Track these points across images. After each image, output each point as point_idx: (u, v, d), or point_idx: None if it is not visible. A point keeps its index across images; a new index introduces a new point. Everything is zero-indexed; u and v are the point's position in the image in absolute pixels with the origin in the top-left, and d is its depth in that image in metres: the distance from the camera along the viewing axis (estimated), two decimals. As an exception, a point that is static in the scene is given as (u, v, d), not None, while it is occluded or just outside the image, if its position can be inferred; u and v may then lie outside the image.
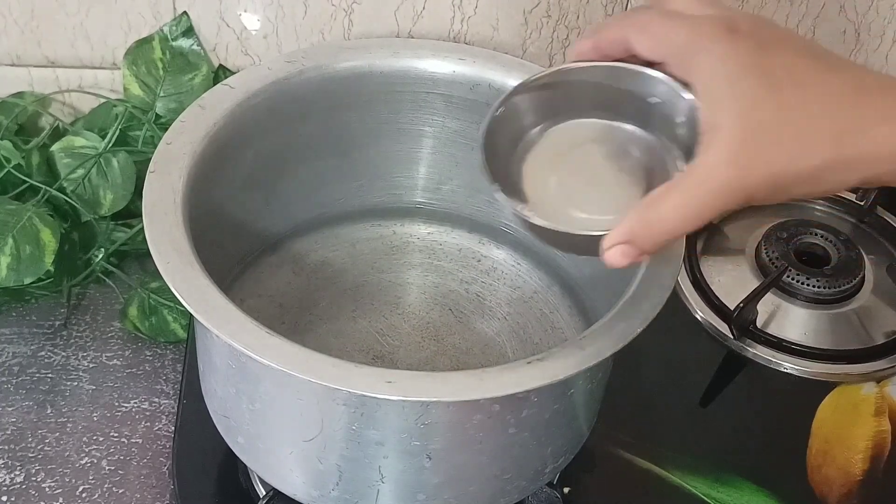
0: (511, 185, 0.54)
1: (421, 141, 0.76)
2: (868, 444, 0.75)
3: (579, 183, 0.54)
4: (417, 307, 0.75)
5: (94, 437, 0.72)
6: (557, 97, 0.55)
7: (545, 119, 0.56)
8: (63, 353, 0.77)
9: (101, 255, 0.80)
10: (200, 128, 0.65)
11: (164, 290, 0.78)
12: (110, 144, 0.81)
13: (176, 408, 0.73)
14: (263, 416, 0.59)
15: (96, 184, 0.80)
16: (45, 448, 0.71)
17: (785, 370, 0.79)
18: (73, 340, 0.78)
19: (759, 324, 0.81)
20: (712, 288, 0.83)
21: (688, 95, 0.50)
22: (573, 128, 0.56)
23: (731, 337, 0.80)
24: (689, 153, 0.49)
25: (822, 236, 0.86)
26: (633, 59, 0.51)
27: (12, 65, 0.86)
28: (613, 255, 0.49)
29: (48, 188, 0.78)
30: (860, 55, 0.92)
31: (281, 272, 0.75)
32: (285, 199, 0.75)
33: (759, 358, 0.79)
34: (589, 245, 0.51)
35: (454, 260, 0.78)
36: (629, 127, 0.55)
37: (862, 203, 0.91)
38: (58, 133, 0.84)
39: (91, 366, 0.77)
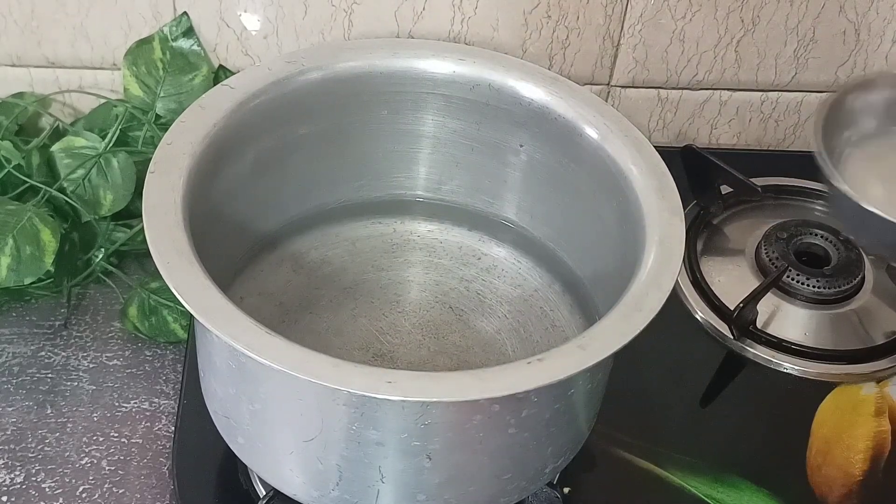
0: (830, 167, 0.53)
1: (421, 141, 0.76)
2: (868, 444, 0.75)
3: None
4: (417, 305, 0.75)
5: (94, 437, 0.72)
6: None
7: (886, 118, 0.55)
8: (63, 353, 0.77)
9: (101, 256, 0.80)
10: (200, 128, 0.65)
11: (164, 290, 0.78)
12: (110, 145, 0.81)
13: (176, 408, 0.73)
14: (263, 416, 0.59)
15: (96, 184, 0.80)
16: (45, 448, 0.71)
17: (785, 370, 0.79)
18: (73, 340, 0.78)
19: (759, 324, 0.81)
20: (712, 288, 0.83)
21: None
22: None
23: (731, 337, 0.80)
24: None
25: (822, 236, 0.86)
26: None
27: (12, 65, 0.86)
28: None
29: (48, 188, 0.78)
30: (860, 55, 0.92)
31: (281, 270, 0.75)
32: (285, 198, 0.75)
33: (759, 358, 0.79)
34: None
35: (454, 258, 0.78)
36: None
37: (862, 203, 0.91)
38: (58, 133, 0.84)
39: (91, 366, 0.77)
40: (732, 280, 0.84)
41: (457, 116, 0.74)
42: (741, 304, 0.78)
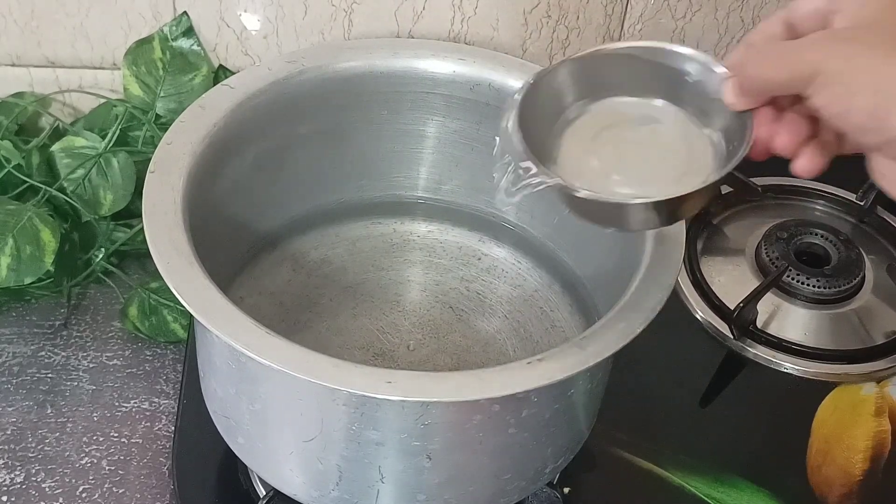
0: (546, 161, 0.55)
1: (421, 141, 0.76)
2: (868, 444, 0.75)
3: (617, 158, 0.55)
4: (418, 305, 0.75)
5: (94, 437, 0.72)
6: (594, 76, 0.56)
7: (582, 98, 0.57)
8: (63, 353, 0.77)
9: (101, 255, 0.80)
10: (200, 128, 0.65)
11: (164, 290, 0.78)
12: (110, 144, 0.81)
13: (176, 408, 0.73)
14: (263, 416, 0.59)
15: (96, 184, 0.80)
16: (45, 448, 0.71)
17: (785, 370, 0.79)
18: (73, 340, 0.78)
19: (759, 324, 0.81)
20: (712, 288, 0.83)
21: (720, 69, 0.51)
22: (610, 106, 0.56)
23: (731, 337, 0.80)
24: (724, 129, 0.50)
25: (822, 236, 0.86)
26: None
27: (12, 65, 0.86)
28: (727, 93, 0.51)
29: (48, 188, 0.78)
30: (860, 55, 0.92)
31: (281, 270, 0.75)
32: (285, 198, 0.75)
33: (759, 358, 0.79)
34: (629, 216, 0.51)
35: (454, 258, 0.78)
36: (664, 103, 0.56)
37: (862, 203, 0.91)
38: (58, 133, 0.84)
39: (91, 366, 0.77)
40: (732, 280, 0.84)
41: (457, 116, 0.74)
42: (741, 304, 0.78)
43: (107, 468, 0.71)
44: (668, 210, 0.52)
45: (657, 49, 0.55)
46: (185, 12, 0.84)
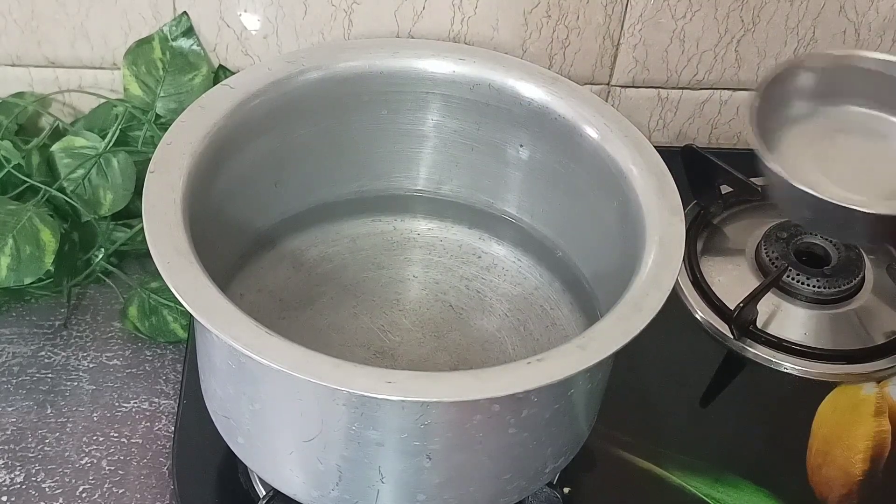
0: (769, 147, 0.55)
1: (421, 141, 0.76)
2: (868, 444, 0.75)
3: (837, 162, 0.54)
4: (418, 303, 0.75)
5: (94, 437, 0.72)
6: (837, 80, 0.56)
7: (818, 97, 0.56)
8: (63, 353, 0.77)
9: (101, 255, 0.80)
10: (200, 128, 0.65)
11: (164, 290, 0.78)
12: (110, 144, 0.81)
13: (176, 408, 0.73)
14: (263, 416, 0.59)
15: (96, 184, 0.80)
16: (45, 448, 0.71)
17: (785, 370, 0.79)
18: (73, 340, 0.78)
19: (759, 324, 0.81)
20: (712, 288, 0.83)
21: None
22: (843, 112, 0.56)
23: (731, 337, 0.80)
24: None
25: (822, 236, 0.86)
26: None
27: (12, 65, 0.86)
28: None
29: (48, 188, 0.78)
30: (860, 55, 0.92)
31: (281, 268, 0.75)
32: (285, 198, 0.75)
33: (759, 358, 0.79)
34: (842, 219, 0.51)
35: (455, 256, 0.78)
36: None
37: (862, 203, 0.91)
38: (58, 133, 0.84)
39: (91, 366, 0.77)
40: (732, 280, 0.84)
41: (457, 116, 0.74)
42: (741, 304, 0.78)
43: (107, 468, 0.71)
44: (872, 226, 0.52)
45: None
46: (185, 12, 0.84)
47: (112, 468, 0.71)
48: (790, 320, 0.82)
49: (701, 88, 0.94)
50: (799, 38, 0.91)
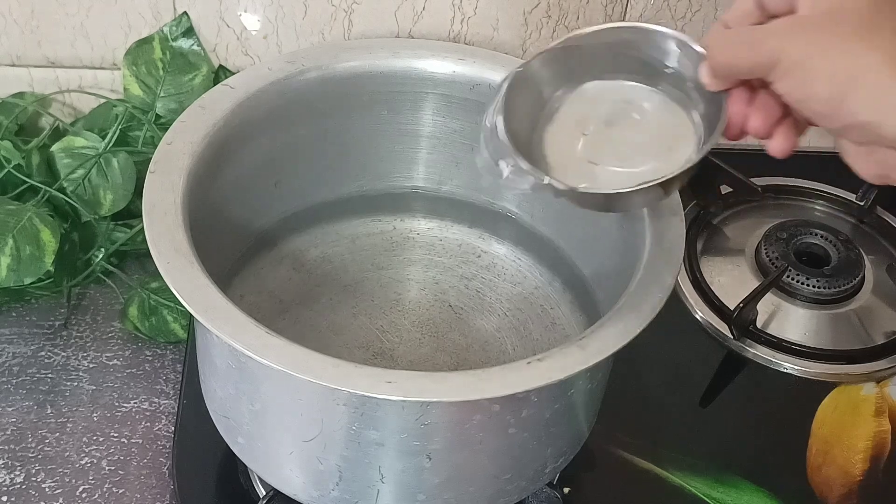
0: (532, 155, 0.55)
1: (421, 141, 0.76)
2: (868, 444, 0.75)
3: (601, 144, 0.55)
4: (417, 303, 0.75)
5: (94, 437, 0.72)
6: (572, 64, 0.56)
7: (561, 87, 0.57)
8: (63, 353, 0.77)
9: (101, 255, 0.80)
10: (200, 128, 0.65)
11: (164, 290, 0.78)
12: (110, 144, 0.81)
13: (176, 408, 0.73)
14: (263, 416, 0.59)
15: (96, 184, 0.80)
16: (45, 448, 0.71)
17: (785, 370, 0.79)
18: (73, 340, 0.78)
19: (759, 324, 0.81)
20: (712, 288, 0.83)
21: (699, 48, 0.51)
22: (590, 91, 0.57)
23: (731, 337, 0.80)
24: (704, 109, 0.50)
25: (822, 236, 0.86)
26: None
27: (12, 65, 0.86)
28: (702, 73, 0.52)
29: (48, 188, 0.78)
30: (860, 55, 0.92)
31: (281, 268, 0.75)
32: (285, 197, 0.75)
33: (759, 358, 0.79)
34: (621, 202, 0.52)
35: (454, 256, 0.78)
36: (644, 85, 0.56)
37: (862, 203, 0.91)
38: (58, 133, 0.84)
39: (91, 366, 0.77)
40: (732, 280, 0.84)
41: (457, 116, 0.74)
42: (741, 304, 0.78)
43: (107, 468, 0.71)
44: (654, 191, 0.53)
45: (635, 29, 0.55)
46: (185, 12, 0.84)
47: (112, 468, 0.71)
48: (790, 320, 0.82)
49: (701, 88, 0.94)
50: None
